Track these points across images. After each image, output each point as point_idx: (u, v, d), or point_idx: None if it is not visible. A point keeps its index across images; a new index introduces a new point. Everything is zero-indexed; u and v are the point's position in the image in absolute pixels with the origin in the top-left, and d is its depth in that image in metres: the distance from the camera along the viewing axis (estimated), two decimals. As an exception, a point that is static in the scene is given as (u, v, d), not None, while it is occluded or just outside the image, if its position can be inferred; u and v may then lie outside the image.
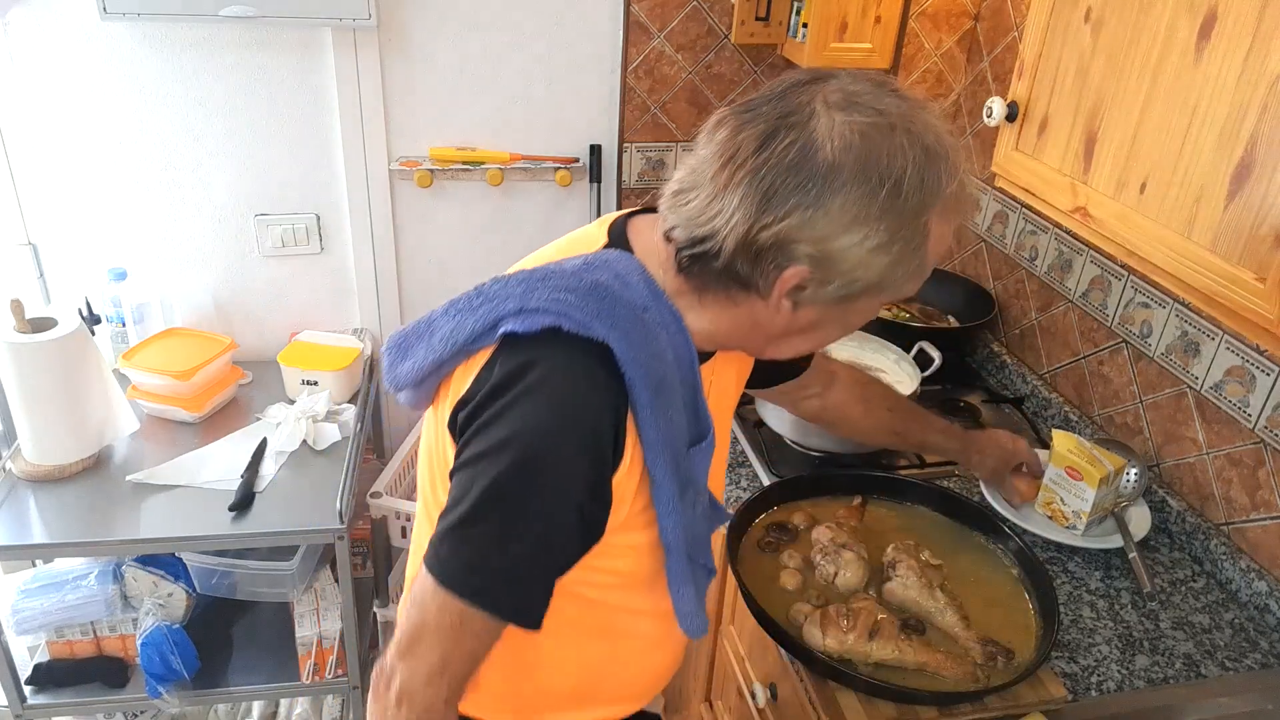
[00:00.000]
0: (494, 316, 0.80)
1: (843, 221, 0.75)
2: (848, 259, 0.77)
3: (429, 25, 1.87)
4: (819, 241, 0.76)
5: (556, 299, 0.78)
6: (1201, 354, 1.38)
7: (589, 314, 0.78)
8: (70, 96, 1.79)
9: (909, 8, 1.83)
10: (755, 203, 0.75)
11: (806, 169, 0.74)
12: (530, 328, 0.78)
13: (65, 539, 1.58)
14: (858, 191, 0.74)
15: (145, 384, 1.84)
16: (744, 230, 0.76)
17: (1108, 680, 1.17)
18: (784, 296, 0.80)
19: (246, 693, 1.82)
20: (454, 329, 0.83)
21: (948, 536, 1.33)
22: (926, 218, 0.78)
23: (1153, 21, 0.99)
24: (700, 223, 0.79)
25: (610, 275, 0.82)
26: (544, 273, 0.82)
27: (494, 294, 0.82)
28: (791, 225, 0.75)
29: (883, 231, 0.76)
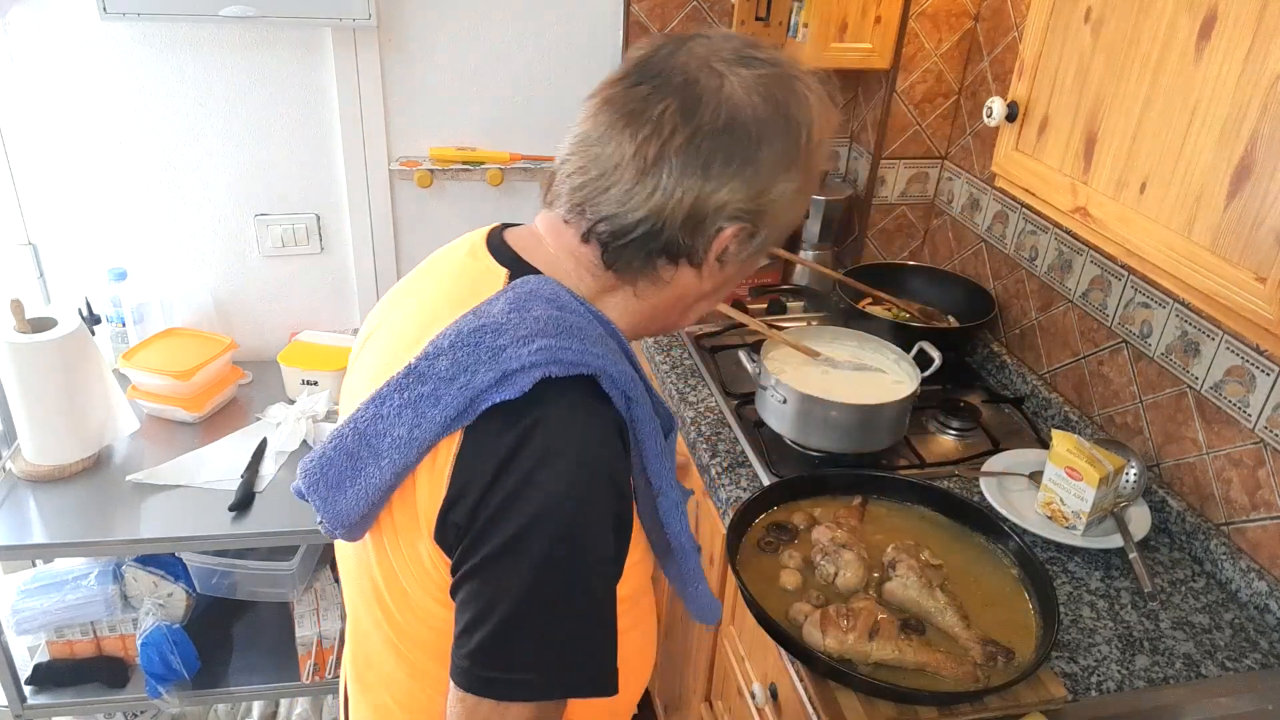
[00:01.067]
0: (467, 396, 0.71)
1: (774, 172, 0.78)
2: (778, 205, 0.80)
3: (429, 25, 1.87)
4: (758, 196, 0.78)
5: (538, 350, 0.72)
6: (1201, 354, 1.38)
7: (572, 351, 0.73)
8: (70, 96, 1.79)
9: (909, 8, 1.84)
10: (697, 175, 0.76)
11: (738, 134, 0.76)
12: (522, 389, 0.71)
13: (65, 539, 1.58)
14: (782, 143, 0.77)
15: (145, 384, 1.84)
16: (690, 203, 0.76)
17: (1108, 680, 1.17)
18: (717, 258, 0.81)
19: (246, 693, 1.82)
20: (410, 429, 0.72)
21: (948, 536, 1.33)
22: (820, 158, 0.83)
23: (1153, 21, 0.99)
24: (635, 206, 0.76)
25: (550, 305, 0.76)
26: (482, 331, 0.74)
27: (448, 371, 0.73)
28: (735, 187, 0.77)
29: (801, 175, 0.80)
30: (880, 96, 2.01)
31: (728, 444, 1.59)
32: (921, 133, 2.01)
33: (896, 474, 1.47)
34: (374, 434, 0.74)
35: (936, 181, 2.08)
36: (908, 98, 1.96)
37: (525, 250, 0.84)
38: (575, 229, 0.81)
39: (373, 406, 0.75)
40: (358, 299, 2.11)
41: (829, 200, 2.07)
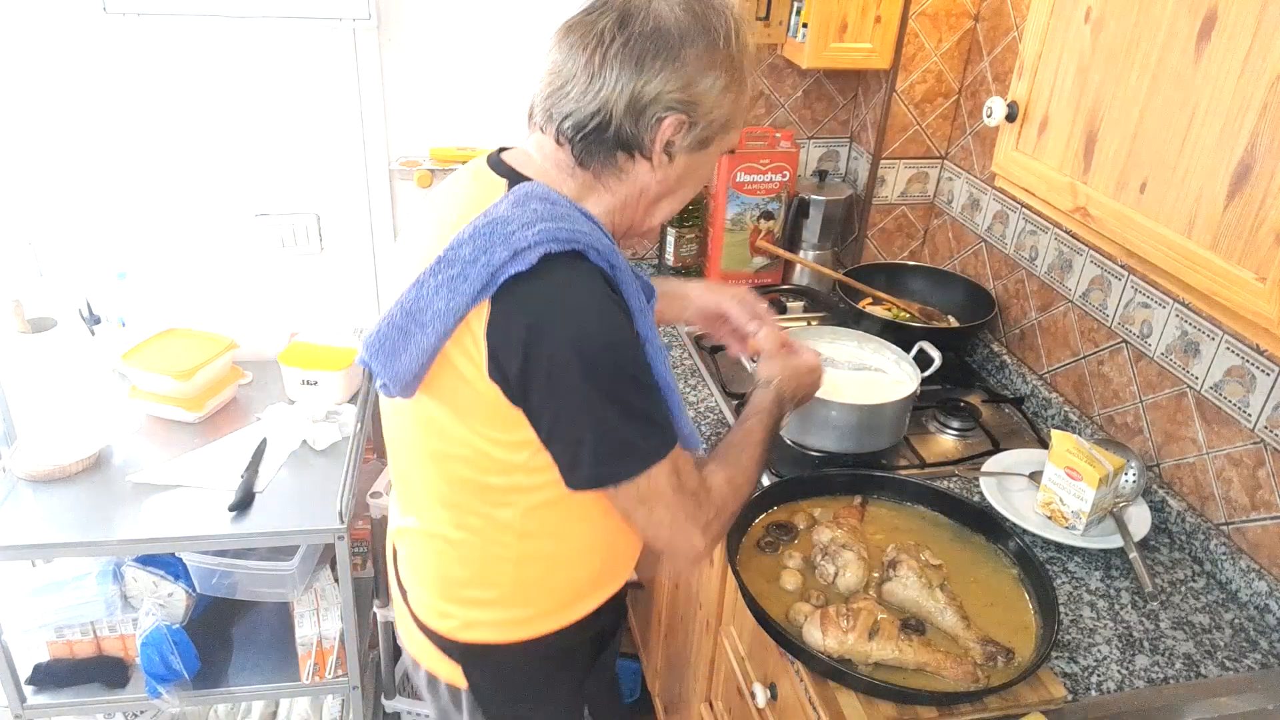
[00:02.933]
0: (489, 271, 0.89)
1: (699, 68, 0.95)
2: (707, 99, 0.96)
3: (429, 24, 1.87)
4: (686, 88, 0.95)
5: (539, 231, 0.89)
6: (1201, 354, 1.38)
7: (565, 231, 0.90)
8: (71, 96, 1.79)
9: (909, 8, 1.84)
10: (632, 69, 0.93)
11: (663, 36, 0.93)
12: (531, 263, 0.88)
13: (65, 539, 1.58)
14: (703, 44, 0.95)
15: (145, 384, 1.84)
16: (629, 92, 0.94)
17: (1108, 680, 1.17)
18: (663, 150, 0.97)
19: (246, 693, 1.82)
20: (448, 301, 0.90)
21: (948, 536, 1.33)
22: (744, 63, 0.98)
23: (1153, 21, 0.99)
24: (588, 101, 0.94)
25: (543, 202, 0.93)
26: (499, 219, 0.91)
27: (472, 255, 0.90)
28: (664, 79, 0.94)
29: (725, 74, 0.97)
30: (880, 96, 2.01)
31: (728, 444, 1.59)
32: (921, 133, 2.01)
33: (896, 474, 1.47)
34: (418, 310, 0.92)
35: (936, 181, 2.08)
36: (908, 98, 1.96)
37: (519, 165, 1.01)
38: (550, 136, 0.99)
39: (414, 290, 0.93)
40: (358, 299, 2.11)
41: (829, 200, 2.07)
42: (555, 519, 1.04)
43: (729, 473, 1.07)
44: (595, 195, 1.01)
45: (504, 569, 1.07)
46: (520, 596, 1.09)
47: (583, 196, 1.01)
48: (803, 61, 1.83)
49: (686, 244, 2.07)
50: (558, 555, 1.08)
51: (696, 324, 1.38)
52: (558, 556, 1.08)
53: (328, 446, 1.82)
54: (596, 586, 1.14)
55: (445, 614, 1.13)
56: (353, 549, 1.92)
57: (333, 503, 1.65)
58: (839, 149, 2.21)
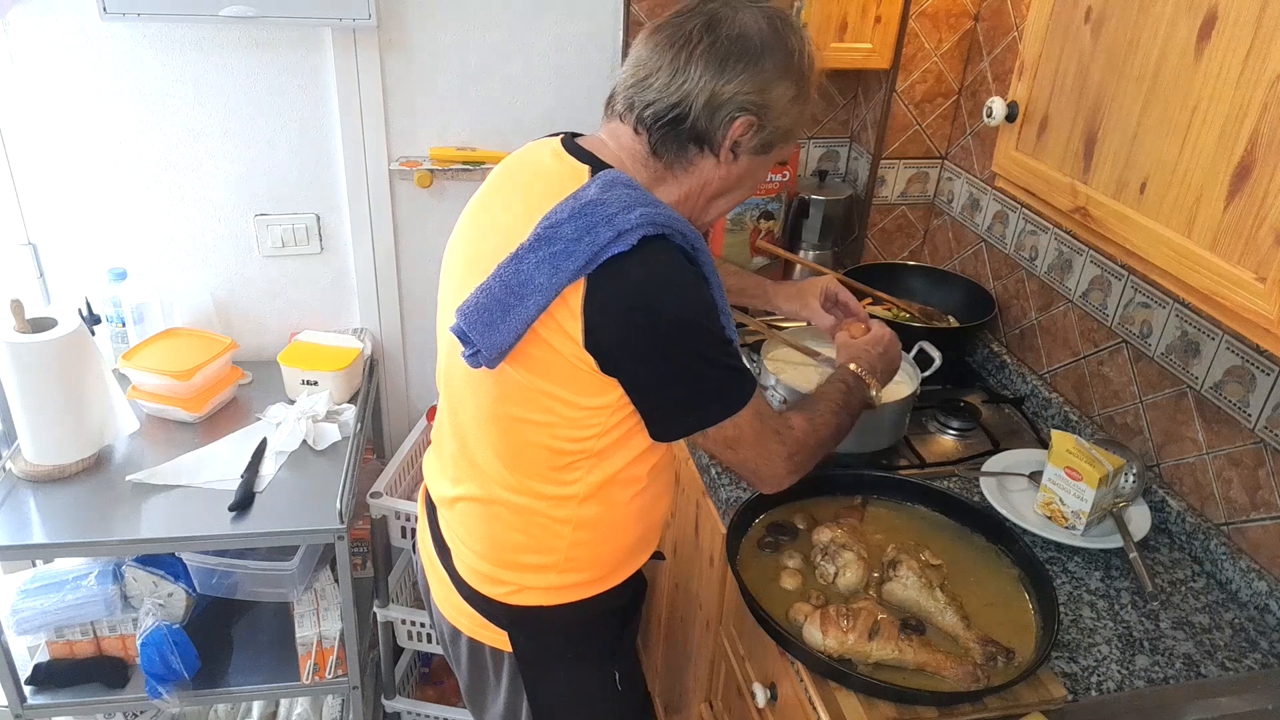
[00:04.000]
0: (593, 249, 0.95)
1: (774, 76, 1.03)
2: (777, 106, 1.04)
3: (429, 25, 1.87)
4: (760, 92, 1.03)
5: (640, 214, 0.96)
6: (1201, 354, 1.38)
7: (661, 216, 0.97)
8: (70, 96, 1.79)
9: (909, 8, 1.84)
10: (715, 69, 1.01)
11: (746, 43, 1.02)
12: (631, 244, 0.95)
13: (65, 539, 1.58)
14: (781, 55, 1.03)
15: (145, 384, 1.84)
16: (711, 89, 1.01)
17: (1108, 680, 1.17)
18: (730, 148, 1.05)
19: (246, 693, 1.82)
20: (550, 276, 0.96)
21: (948, 536, 1.33)
22: (813, 79, 1.08)
23: (1153, 21, 0.99)
24: (670, 93, 1.02)
25: (628, 189, 1.00)
26: (588, 205, 0.98)
27: (575, 234, 0.96)
28: (743, 81, 1.01)
29: (795, 86, 1.05)
30: (880, 96, 2.01)
31: (728, 444, 1.59)
32: (921, 133, 2.01)
33: (896, 474, 1.47)
34: (517, 284, 0.97)
35: (936, 181, 2.08)
36: (908, 98, 1.96)
37: (597, 150, 1.07)
38: (629, 125, 1.06)
39: (512, 264, 0.98)
40: (358, 299, 2.11)
41: (829, 200, 2.07)
42: (612, 488, 1.12)
43: (807, 414, 1.17)
44: (664, 185, 1.08)
45: (561, 535, 1.14)
46: (573, 562, 1.16)
47: (653, 185, 1.07)
48: (803, 61, 1.82)
49: (686, 244, 2.07)
50: (610, 522, 1.16)
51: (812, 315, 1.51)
52: (610, 523, 1.16)
53: (328, 446, 1.82)
54: (634, 553, 1.23)
55: (498, 579, 1.18)
56: (353, 549, 1.92)
57: (333, 503, 1.65)
58: (839, 149, 2.21)
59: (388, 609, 1.96)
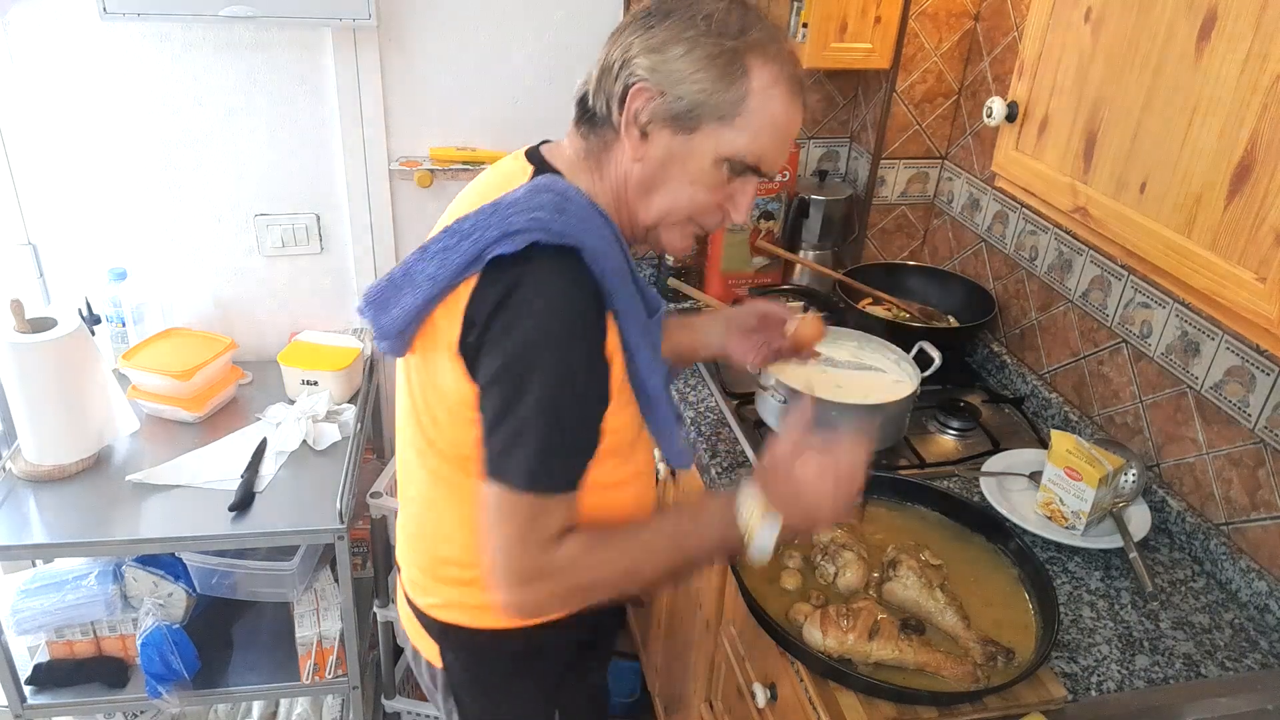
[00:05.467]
0: (479, 247, 0.90)
1: (667, 38, 0.92)
2: (672, 70, 0.92)
3: (429, 25, 1.87)
4: (652, 54, 0.92)
5: (533, 218, 0.89)
6: (1201, 354, 1.38)
7: (560, 225, 0.90)
8: (70, 96, 1.79)
9: (909, 8, 1.84)
10: (611, 41, 0.96)
11: (647, 13, 0.95)
12: (516, 247, 0.88)
13: (65, 539, 1.58)
14: (680, 19, 0.93)
15: (145, 384, 1.84)
16: (601, 61, 0.96)
17: (1108, 680, 1.17)
18: (632, 121, 0.95)
19: (246, 693, 1.82)
20: (438, 268, 0.92)
21: (948, 536, 1.33)
22: (742, 49, 0.92)
23: (1153, 21, 0.99)
24: (591, 69, 0.98)
25: (556, 195, 0.94)
26: (506, 203, 0.92)
27: (469, 230, 0.91)
28: (633, 46, 0.93)
29: (700, 50, 0.92)
30: (880, 96, 2.01)
31: (727, 444, 1.59)
32: (921, 133, 2.01)
33: (896, 474, 1.47)
34: (415, 272, 0.94)
35: (936, 181, 2.08)
36: (908, 98, 1.96)
37: (551, 155, 1.04)
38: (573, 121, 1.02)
39: (418, 253, 0.95)
40: (358, 299, 2.11)
41: (829, 200, 2.07)
42: None
43: (601, 555, 0.97)
44: (600, 186, 1.01)
45: None
46: None
47: (594, 188, 1.00)
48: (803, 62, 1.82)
49: (686, 244, 2.07)
50: None
51: (730, 343, 1.29)
52: None
53: (328, 446, 1.82)
54: None
55: (428, 589, 1.13)
56: (353, 549, 1.91)
57: (333, 503, 1.65)
58: (839, 149, 2.21)
59: (388, 609, 1.96)
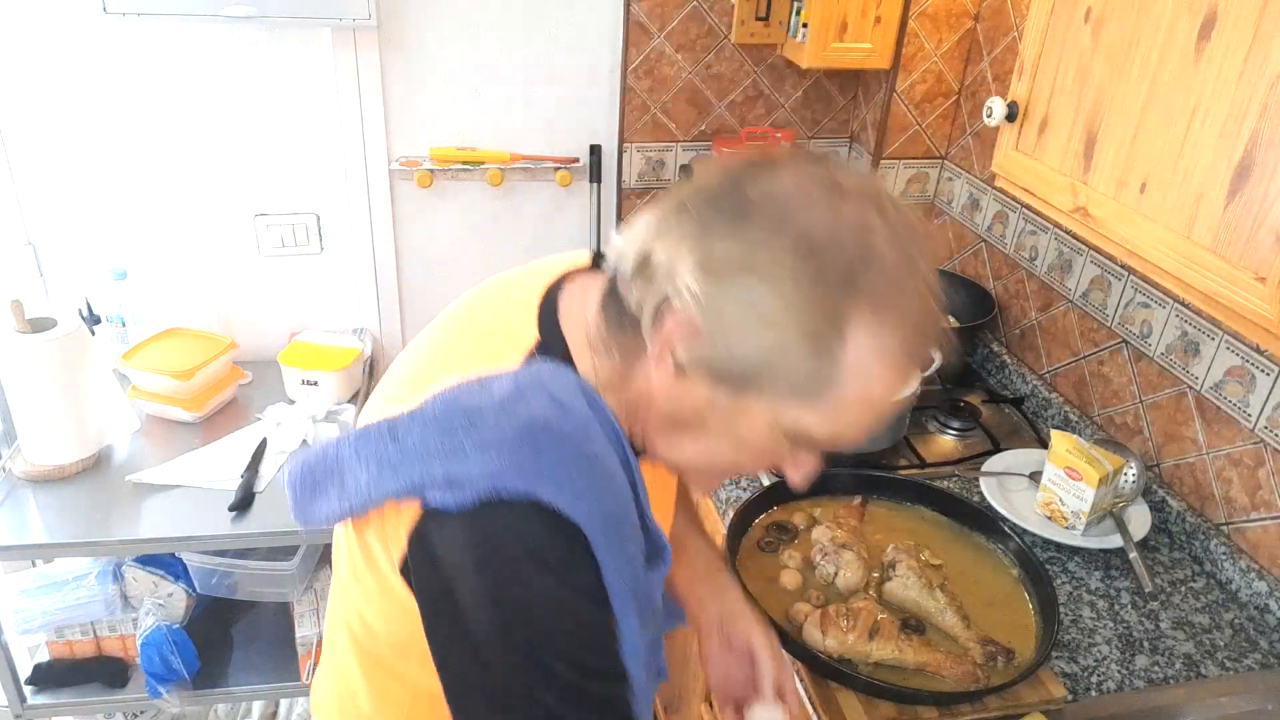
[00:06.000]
0: (416, 481, 0.68)
1: (734, 257, 0.63)
2: (729, 313, 0.63)
3: (429, 25, 1.87)
4: (705, 276, 0.63)
5: (488, 462, 0.66)
6: (1201, 354, 1.38)
7: (528, 472, 0.66)
8: (70, 96, 1.79)
9: (909, 8, 1.83)
10: (665, 222, 0.67)
11: (724, 197, 0.66)
12: (462, 502, 0.66)
13: (65, 539, 1.58)
14: (763, 238, 0.63)
15: (145, 384, 1.84)
16: (644, 243, 0.68)
17: (1108, 680, 1.17)
18: (665, 348, 0.68)
19: (246, 693, 1.82)
20: (369, 483, 0.70)
21: (948, 536, 1.33)
22: (846, 302, 0.62)
23: (1153, 21, 0.99)
24: (630, 243, 0.70)
25: (546, 403, 0.69)
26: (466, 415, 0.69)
27: (412, 448, 0.69)
28: (683, 249, 0.65)
29: (777, 296, 0.62)
30: (880, 96, 2.01)
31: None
32: (921, 133, 2.01)
33: (896, 474, 1.47)
34: (347, 466, 0.72)
35: (936, 181, 2.08)
36: (908, 98, 1.96)
37: (568, 312, 0.77)
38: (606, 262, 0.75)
39: (359, 437, 0.73)
40: (358, 299, 2.11)
41: (829, 200, 2.07)
42: None
43: None
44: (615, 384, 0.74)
45: None
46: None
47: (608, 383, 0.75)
48: (803, 61, 1.82)
49: (686, 244, 2.07)
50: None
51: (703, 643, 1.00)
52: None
53: (328, 446, 1.81)
54: None
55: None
56: (353, 549, 1.91)
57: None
58: (839, 149, 2.21)
59: (388, 609, 1.96)
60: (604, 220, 2.13)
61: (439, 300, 0.90)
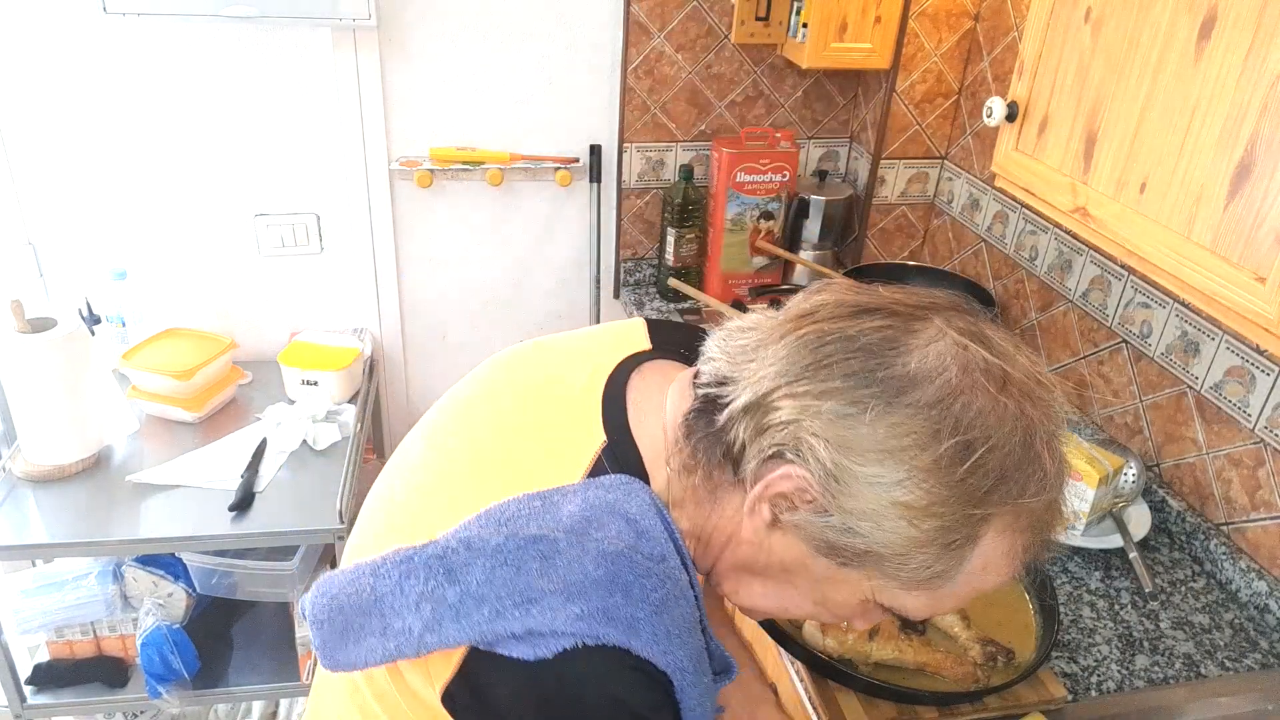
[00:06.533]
0: (486, 634, 0.60)
1: (880, 443, 0.58)
2: (862, 495, 0.59)
3: (429, 25, 1.87)
4: (841, 449, 0.58)
5: (572, 608, 0.59)
6: (1201, 354, 1.38)
7: (619, 620, 0.60)
8: (70, 96, 1.79)
9: (909, 8, 1.83)
10: (801, 363, 0.60)
11: (877, 362, 0.59)
12: (543, 654, 0.59)
13: (65, 539, 1.58)
14: (917, 422, 0.58)
15: (145, 384, 1.84)
16: (768, 387, 0.61)
17: (1108, 680, 1.17)
18: (765, 498, 0.63)
19: (246, 693, 1.82)
20: (424, 630, 0.61)
21: (948, 536, 1.33)
22: (986, 514, 0.59)
23: (1153, 21, 0.99)
24: (737, 362, 0.64)
25: (624, 530, 0.63)
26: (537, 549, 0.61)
27: (475, 587, 0.61)
28: (821, 410, 0.59)
29: (922, 490, 0.58)
30: (880, 96, 2.01)
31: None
32: (921, 133, 2.01)
33: (896, 474, 1.47)
34: (389, 607, 0.63)
35: (936, 181, 2.08)
36: (908, 98, 1.96)
37: (640, 414, 0.69)
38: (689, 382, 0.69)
39: (396, 573, 0.64)
40: (358, 299, 2.11)
41: (829, 200, 2.07)
42: None
43: None
44: (688, 499, 0.68)
45: None
46: None
47: (683, 499, 0.68)
48: (803, 61, 1.82)
49: (686, 244, 2.07)
50: None
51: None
52: None
53: (328, 446, 1.82)
54: None
55: None
56: (353, 549, 1.91)
57: (333, 503, 1.65)
58: (839, 149, 2.21)
59: (388, 609, 1.96)
60: (604, 220, 2.13)
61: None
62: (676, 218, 2.04)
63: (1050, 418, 0.62)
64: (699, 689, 0.65)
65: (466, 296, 2.16)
